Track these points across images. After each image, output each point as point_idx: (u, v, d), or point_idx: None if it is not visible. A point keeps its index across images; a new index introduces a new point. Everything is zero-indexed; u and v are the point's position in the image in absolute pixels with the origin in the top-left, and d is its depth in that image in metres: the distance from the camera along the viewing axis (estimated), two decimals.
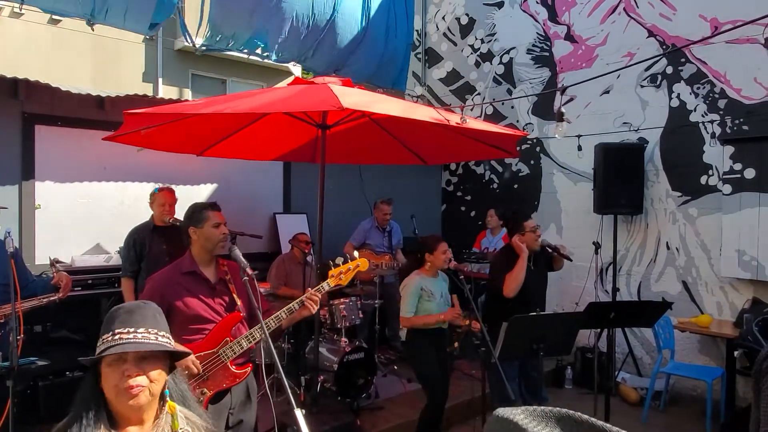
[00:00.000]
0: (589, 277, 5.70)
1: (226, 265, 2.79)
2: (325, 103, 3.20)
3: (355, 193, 6.31)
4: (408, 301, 3.77)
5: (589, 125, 6.02)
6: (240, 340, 2.62)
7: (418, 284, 3.80)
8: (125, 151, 4.86)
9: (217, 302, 2.68)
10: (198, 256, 2.73)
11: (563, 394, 5.39)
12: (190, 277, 2.67)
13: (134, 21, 4.73)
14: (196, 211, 2.75)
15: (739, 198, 4.87)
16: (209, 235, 2.70)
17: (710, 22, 5.25)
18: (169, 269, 2.75)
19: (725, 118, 5.18)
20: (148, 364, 1.44)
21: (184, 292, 2.62)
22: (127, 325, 1.45)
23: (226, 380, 2.63)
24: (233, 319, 2.68)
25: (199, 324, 2.60)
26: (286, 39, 5.54)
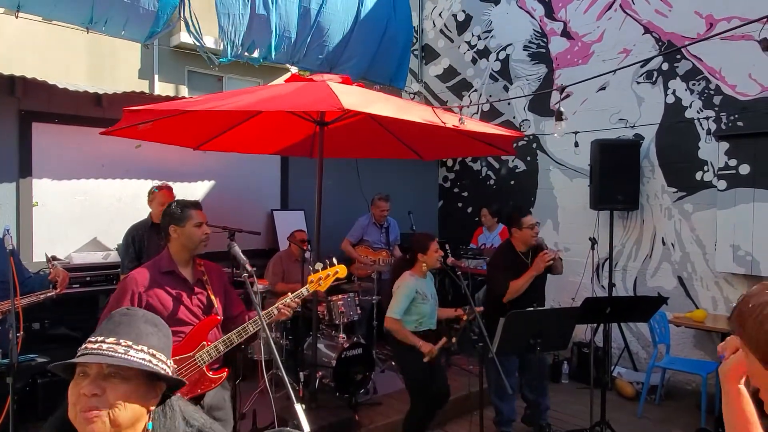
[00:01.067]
0: (585, 272, 5.73)
1: (202, 264, 2.73)
2: (326, 103, 3.21)
3: (353, 190, 6.32)
4: (399, 302, 3.67)
5: (585, 122, 6.04)
6: (217, 344, 2.54)
7: (413, 286, 3.72)
8: (123, 149, 4.88)
9: (195, 304, 2.61)
10: (176, 255, 2.65)
11: (560, 389, 5.43)
12: (168, 276, 2.60)
13: (133, 31, 4.75)
14: (179, 209, 2.67)
15: (734, 194, 4.90)
16: (191, 235, 2.64)
17: (705, 19, 5.28)
18: (146, 267, 2.65)
19: (720, 114, 5.21)
20: (112, 385, 1.18)
21: (162, 292, 2.54)
22: (103, 334, 1.24)
23: (201, 386, 2.55)
24: (210, 322, 2.62)
25: (177, 326, 2.49)
26: (278, 43, 5.59)
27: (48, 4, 4.34)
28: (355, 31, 6.17)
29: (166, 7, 4.83)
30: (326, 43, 5.98)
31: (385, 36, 6.52)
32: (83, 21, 4.49)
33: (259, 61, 5.51)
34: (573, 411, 4.77)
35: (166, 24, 4.88)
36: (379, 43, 6.48)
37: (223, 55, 5.29)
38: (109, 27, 4.62)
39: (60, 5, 4.35)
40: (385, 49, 6.55)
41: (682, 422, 4.62)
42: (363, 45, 6.30)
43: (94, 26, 4.52)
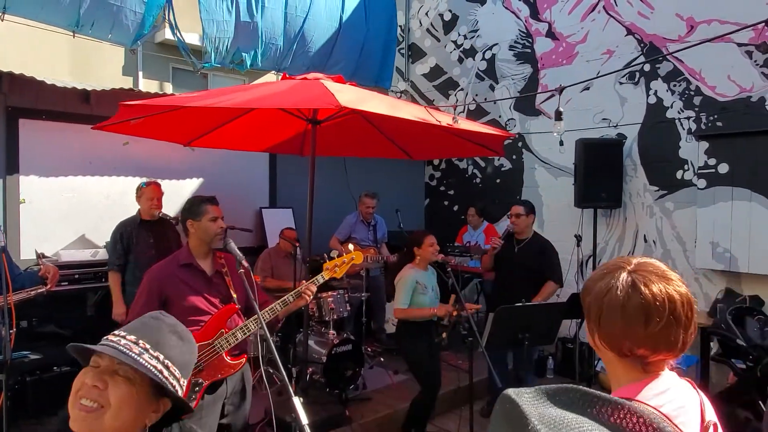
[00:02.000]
0: (570, 269, 5.85)
1: (223, 257, 2.85)
2: (322, 101, 3.25)
3: (340, 188, 6.36)
4: (403, 293, 3.87)
5: (569, 121, 6.09)
6: (235, 332, 2.67)
7: (413, 277, 3.90)
8: (111, 145, 4.86)
9: (214, 294, 2.73)
10: (195, 249, 2.78)
11: (544, 383, 5.53)
12: (186, 269, 2.72)
13: (119, 35, 4.77)
14: (195, 204, 2.80)
15: (713, 192, 5.04)
16: (207, 228, 2.75)
17: (686, 21, 5.42)
18: (166, 262, 2.79)
19: (700, 114, 5.36)
20: (115, 382, 1.15)
21: (181, 285, 2.66)
22: (127, 330, 1.24)
23: (221, 371, 2.68)
24: (229, 310, 2.74)
25: (196, 316, 2.64)
26: (265, 51, 5.65)
27: (34, 6, 4.32)
28: (339, 35, 6.24)
29: (151, 9, 4.85)
30: (311, 49, 6.05)
31: (366, 38, 6.58)
32: (70, 24, 4.48)
33: (246, 68, 5.55)
34: None
35: (152, 27, 4.91)
36: (362, 45, 6.54)
37: (207, 61, 5.31)
38: (96, 30, 4.64)
39: (47, 8, 4.33)
40: (368, 51, 6.62)
41: None
42: (347, 49, 6.37)
43: (81, 30, 4.54)
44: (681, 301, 1.11)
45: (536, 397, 0.77)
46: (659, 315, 1.09)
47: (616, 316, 1.11)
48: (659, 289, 1.10)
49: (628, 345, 1.11)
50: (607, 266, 1.20)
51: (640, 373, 1.14)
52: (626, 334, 1.11)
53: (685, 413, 1.13)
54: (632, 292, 1.11)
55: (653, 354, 1.12)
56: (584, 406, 0.74)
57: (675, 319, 1.10)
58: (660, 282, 1.11)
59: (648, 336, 1.10)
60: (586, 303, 1.18)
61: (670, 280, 1.13)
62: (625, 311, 1.10)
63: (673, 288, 1.12)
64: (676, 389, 1.16)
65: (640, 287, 1.10)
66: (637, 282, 1.11)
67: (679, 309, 1.11)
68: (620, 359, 1.15)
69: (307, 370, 4.48)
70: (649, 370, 1.14)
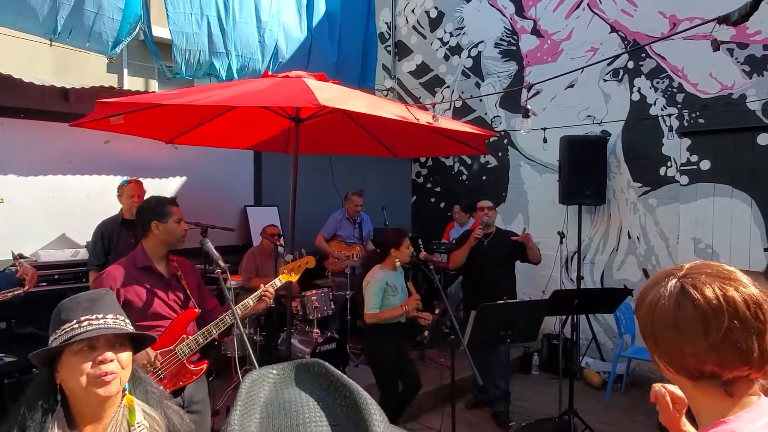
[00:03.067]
0: (555, 265, 5.88)
1: (175, 260, 2.77)
2: (302, 99, 3.22)
3: (326, 185, 6.33)
4: (374, 297, 3.81)
5: (554, 118, 6.16)
6: (197, 337, 2.59)
7: (383, 279, 3.84)
8: (92, 144, 4.81)
9: (172, 298, 2.65)
10: (152, 251, 2.68)
11: (530, 380, 5.57)
12: (145, 272, 2.63)
13: (97, 43, 4.74)
14: (160, 205, 2.71)
15: (695, 189, 5.08)
16: (173, 230, 2.67)
17: (669, 19, 5.44)
18: (123, 263, 2.68)
19: (683, 111, 5.39)
20: (119, 351, 1.39)
21: (140, 288, 2.58)
22: (94, 312, 1.39)
23: (182, 378, 2.59)
24: (189, 315, 2.66)
25: (155, 320, 2.57)
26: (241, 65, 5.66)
27: (11, 14, 4.25)
28: (312, 42, 6.24)
29: (128, 16, 4.86)
30: (286, 57, 6.04)
31: (342, 41, 6.57)
32: (47, 32, 4.44)
33: (222, 79, 5.53)
34: (543, 401, 4.89)
35: (129, 33, 4.89)
36: (338, 48, 6.53)
37: (177, 72, 5.29)
38: (74, 39, 4.60)
39: (24, 15, 4.27)
40: (345, 54, 6.61)
41: (646, 409, 4.78)
42: (323, 54, 6.35)
43: (58, 38, 4.50)
44: (744, 301, 0.95)
45: (280, 375, 0.75)
46: (717, 319, 0.94)
47: (669, 329, 0.97)
48: (713, 290, 0.96)
49: (693, 362, 0.96)
50: (658, 275, 1.07)
51: (724, 400, 0.96)
52: (685, 349, 0.96)
53: None
54: (682, 298, 0.97)
55: (725, 369, 0.95)
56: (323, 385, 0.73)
57: (740, 323, 0.94)
58: (714, 282, 0.97)
59: (711, 347, 0.94)
60: (640, 320, 1.04)
61: (728, 279, 0.97)
62: (677, 322, 0.96)
63: (732, 287, 0.96)
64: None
65: (689, 291, 0.97)
66: (686, 286, 0.97)
67: (743, 310, 0.94)
68: (694, 384, 0.99)
69: None
70: (734, 393, 0.96)
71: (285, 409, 0.67)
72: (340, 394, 0.69)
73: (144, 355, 2.39)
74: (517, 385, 5.24)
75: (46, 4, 4.31)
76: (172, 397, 1.57)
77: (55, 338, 1.36)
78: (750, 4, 1.84)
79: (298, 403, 0.67)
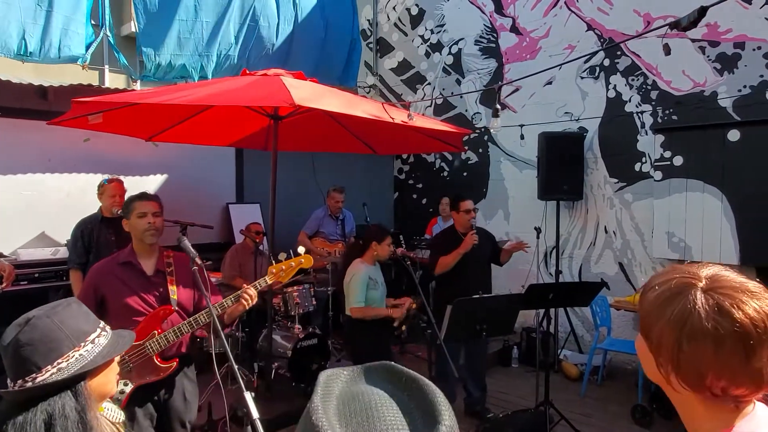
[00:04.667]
0: (534, 260, 5.98)
1: (172, 256, 2.78)
2: (277, 98, 3.25)
3: (308, 182, 6.37)
4: (358, 291, 3.86)
5: (533, 115, 6.26)
6: (167, 334, 2.57)
7: (366, 273, 3.90)
8: (71, 142, 4.80)
9: (150, 294, 2.65)
10: (136, 247, 2.73)
11: (510, 373, 5.66)
12: (125, 267, 2.66)
13: (67, 57, 4.86)
14: (128, 202, 2.77)
15: (668, 184, 5.19)
16: (135, 225, 2.69)
17: (643, 17, 5.54)
18: (107, 259, 2.75)
19: (657, 108, 5.50)
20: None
21: (118, 283, 2.61)
22: (92, 326, 1.40)
23: (150, 373, 2.58)
24: (164, 312, 2.65)
25: (131, 315, 2.58)
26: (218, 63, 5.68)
27: None
28: (293, 38, 6.25)
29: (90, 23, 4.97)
30: (267, 54, 6.05)
31: (326, 38, 6.59)
32: (18, 53, 4.53)
33: (195, 80, 5.54)
34: (521, 393, 4.99)
35: (93, 40, 4.98)
36: (322, 46, 6.55)
37: (146, 74, 5.31)
38: (44, 57, 4.74)
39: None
40: (328, 52, 6.63)
41: (621, 400, 4.90)
42: (305, 51, 6.38)
43: (29, 57, 4.58)
44: None
45: (351, 375, 0.81)
46: (763, 345, 0.86)
47: (705, 353, 0.88)
48: (756, 311, 0.87)
49: (723, 385, 0.89)
50: (668, 283, 0.95)
51: (727, 412, 0.93)
52: (720, 374, 0.88)
53: None
54: (721, 318, 0.87)
55: (756, 392, 0.90)
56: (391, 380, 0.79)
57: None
58: (752, 300, 0.88)
59: (751, 372, 0.87)
60: (653, 336, 0.95)
61: (758, 294, 0.89)
62: (717, 347, 0.87)
63: (765, 304, 0.88)
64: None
65: (731, 311, 0.87)
66: (724, 305, 0.88)
67: None
68: (707, 402, 0.92)
69: (273, 365, 4.51)
70: (741, 406, 0.92)
71: (357, 398, 0.72)
72: (407, 387, 0.75)
73: None
74: (496, 378, 5.34)
75: (14, 29, 4.43)
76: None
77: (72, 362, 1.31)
78: (698, 11, 1.94)
79: (368, 394, 0.73)
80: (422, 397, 0.73)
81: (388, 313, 3.85)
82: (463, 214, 4.37)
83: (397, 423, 0.68)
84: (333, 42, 6.66)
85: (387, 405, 0.71)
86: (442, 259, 4.28)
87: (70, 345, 1.32)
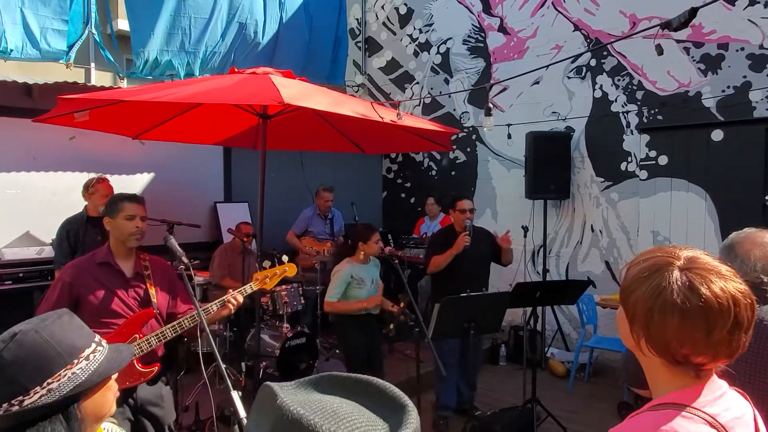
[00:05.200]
0: (522, 259, 6.02)
1: (147, 259, 2.73)
2: (266, 97, 3.24)
3: (297, 181, 6.36)
4: (335, 286, 3.91)
5: (521, 114, 6.30)
6: (149, 338, 2.52)
7: (348, 272, 3.94)
8: (56, 141, 4.75)
9: (130, 296, 2.60)
10: (114, 247, 2.64)
11: (498, 371, 5.70)
12: (103, 268, 2.58)
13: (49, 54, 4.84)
14: (113, 202, 2.68)
15: (653, 183, 5.26)
16: (121, 227, 2.61)
17: (629, 18, 5.60)
18: (84, 258, 2.65)
19: (642, 108, 5.56)
20: None
21: (95, 283, 2.53)
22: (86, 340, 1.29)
23: (130, 378, 2.52)
24: (145, 315, 2.60)
25: (108, 318, 2.51)
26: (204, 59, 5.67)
27: None
28: (279, 37, 6.25)
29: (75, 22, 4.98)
30: (253, 52, 6.05)
31: (312, 37, 6.59)
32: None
33: (180, 77, 5.53)
34: (509, 390, 5.03)
35: (78, 38, 4.95)
36: (308, 44, 6.55)
37: (133, 71, 5.29)
38: (26, 55, 4.72)
39: None
40: (314, 50, 6.64)
41: (607, 397, 4.96)
42: (290, 49, 6.38)
43: (10, 55, 4.55)
44: (746, 303, 0.98)
45: (298, 386, 0.79)
46: (723, 320, 0.96)
47: (672, 323, 0.98)
48: (722, 290, 0.97)
49: (685, 353, 0.99)
50: (650, 260, 1.06)
51: (692, 379, 1.03)
52: (684, 342, 0.98)
53: (742, 425, 1.02)
54: (691, 294, 0.97)
55: (713, 361, 1.01)
56: (337, 387, 0.78)
57: (739, 323, 0.97)
58: (720, 280, 0.98)
59: (710, 344, 0.98)
60: (629, 304, 1.05)
61: (728, 277, 1.00)
62: (684, 317, 0.97)
63: (734, 287, 0.98)
64: (731, 397, 1.06)
65: (700, 289, 0.97)
66: (695, 282, 0.98)
67: (743, 311, 0.98)
68: (670, 366, 1.03)
69: (261, 364, 4.50)
70: (702, 375, 1.03)
71: (311, 406, 0.69)
72: (358, 389, 0.73)
73: None
74: (485, 376, 5.36)
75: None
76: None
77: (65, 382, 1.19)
78: (689, 12, 1.97)
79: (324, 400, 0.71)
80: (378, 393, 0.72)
81: (361, 306, 3.89)
82: (458, 214, 4.32)
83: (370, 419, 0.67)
84: (318, 41, 6.66)
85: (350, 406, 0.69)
86: (434, 258, 4.27)
87: (62, 363, 1.20)
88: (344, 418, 0.66)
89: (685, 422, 0.98)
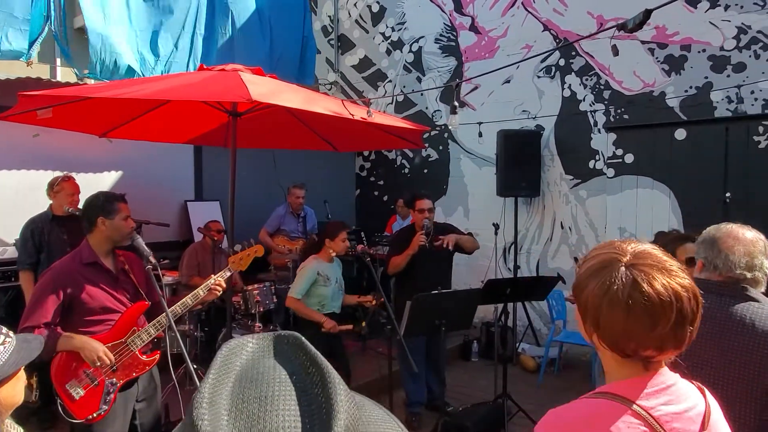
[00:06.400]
0: (493, 256, 6.10)
1: (122, 255, 2.80)
2: (235, 94, 3.21)
3: (270, 180, 6.32)
4: (301, 282, 3.91)
5: (492, 113, 6.37)
6: (148, 329, 2.66)
7: (315, 269, 3.94)
8: (20, 138, 4.63)
9: (121, 292, 2.70)
10: (97, 247, 2.69)
11: (470, 367, 5.76)
12: (91, 268, 2.65)
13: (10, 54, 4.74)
14: (108, 201, 2.72)
15: (620, 181, 5.38)
16: (119, 227, 2.69)
17: (597, 19, 5.71)
18: (68, 260, 2.69)
19: (609, 107, 5.68)
20: None
21: (87, 284, 2.60)
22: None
23: (135, 369, 2.67)
24: (140, 308, 2.71)
25: (104, 315, 2.61)
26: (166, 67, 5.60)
27: None
28: (234, 47, 6.20)
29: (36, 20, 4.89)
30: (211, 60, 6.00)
31: (273, 40, 6.54)
32: None
33: (141, 75, 5.45)
34: (480, 386, 5.08)
35: (38, 35, 4.87)
36: (269, 49, 6.50)
37: (92, 72, 5.20)
38: None
39: None
40: (277, 54, 6.58)
41: (576, 390, 5.00)
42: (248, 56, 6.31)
43: None
44: (688, 297, 1.01)
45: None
46: (666, 315, 0.99)
47: (618, 319, 1.01)
48: (664, 286, 1.00)
49: (633, 347, 1.03)
50: (599, 257, 1.09)
51: (639, 370, 1.06)
52: (630, 336, 1.02)
53: (682, 420, 1.04)
54: (633, 291, 1.00)
55: (660, 354, 1.04)
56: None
57: (683, 317, 1.00)
58: (663, 276, 1.01)
59: (654, 338, 1.01)
60: (581, 300, 1.08)
61: (672, 272, 1.02)
62: (628, 314, 1.00)
63: (677, 282, 1.01)
64: (678, 390, 1.07)
65: (642, 286, 1.00)
66: (638, 280, 1.01)
67: (687, 305, 1.00)
68: (620, 359, 1.06)
69: None
70: (650, 368, 1.06)
71: (257, 380, 0.65)
72: (313, 369, 0.69)
73: (91, 354, 2.45)
74: (457, 372, 5.42)
75: None
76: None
77: None
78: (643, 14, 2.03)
79: (270, 375, 0.66)
80: (323, 385, 0.68)
81: (320, 320, 3.84)
82: (416, 213, 4.30)
83: (290, 422, 0.62)
84: (281, 42, 6.59)
85: (285, 396, 0.64)
86: (393, 258, 4.26)
87: None
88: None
89: (610, 411, 1.03)
